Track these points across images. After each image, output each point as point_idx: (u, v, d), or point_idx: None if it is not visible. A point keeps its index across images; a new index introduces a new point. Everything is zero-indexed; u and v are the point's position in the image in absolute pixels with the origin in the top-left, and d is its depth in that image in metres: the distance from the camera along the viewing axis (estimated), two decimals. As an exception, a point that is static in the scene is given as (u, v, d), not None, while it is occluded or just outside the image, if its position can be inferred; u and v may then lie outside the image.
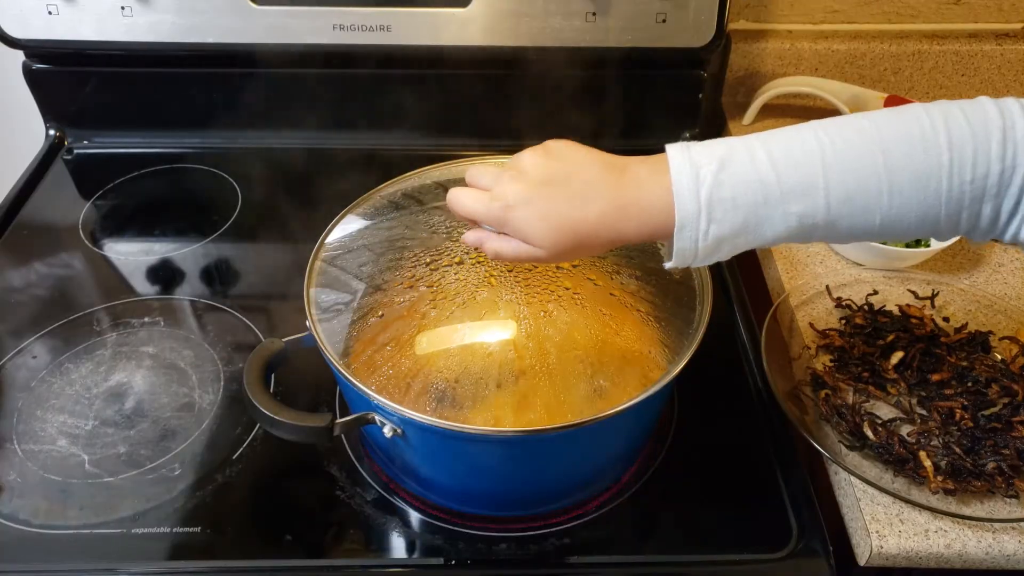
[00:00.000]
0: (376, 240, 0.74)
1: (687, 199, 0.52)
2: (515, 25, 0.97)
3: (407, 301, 0.68)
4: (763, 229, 0.52)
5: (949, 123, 0.50)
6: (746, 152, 0.52)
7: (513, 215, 0.55)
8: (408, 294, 0.68)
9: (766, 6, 1.11)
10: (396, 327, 0.67)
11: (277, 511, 0.69)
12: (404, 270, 0.70)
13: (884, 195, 0.50)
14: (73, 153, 1.11)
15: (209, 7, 0.96)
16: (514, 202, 0.55)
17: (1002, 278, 0.91)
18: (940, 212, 0.51)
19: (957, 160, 0.49)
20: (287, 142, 1.11)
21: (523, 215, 0.55)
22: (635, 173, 0.54)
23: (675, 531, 0.69)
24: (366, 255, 0.73)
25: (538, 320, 0.67)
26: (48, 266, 0.93)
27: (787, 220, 0.52)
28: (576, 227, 0.54)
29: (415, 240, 0.73)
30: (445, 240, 0.72)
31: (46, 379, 0.79)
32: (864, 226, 0.52)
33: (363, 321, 0.67)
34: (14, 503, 0.69)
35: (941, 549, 0.65)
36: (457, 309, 0.67)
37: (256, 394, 0.61)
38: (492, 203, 0.56)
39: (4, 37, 0.99)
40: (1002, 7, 1.11)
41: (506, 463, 0.65)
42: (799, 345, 0.83)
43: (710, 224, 0.52)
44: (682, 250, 0.54)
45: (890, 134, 0.51)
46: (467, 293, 0.68)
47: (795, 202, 0.51)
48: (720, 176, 0.51)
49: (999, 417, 0.72)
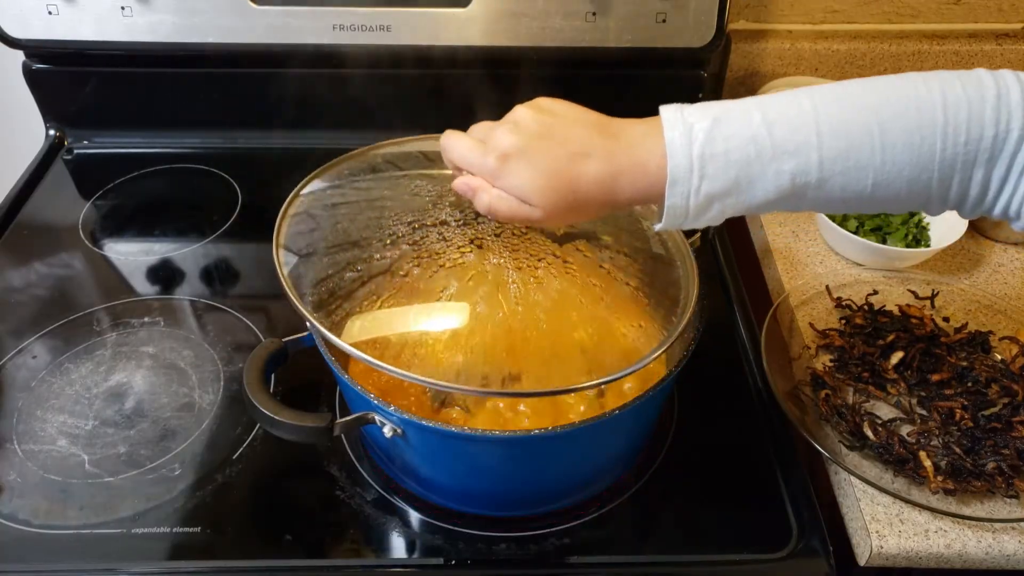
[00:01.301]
0: (354, 198, 0.71)
1: (680, 154, 0.51)
2: (515, 25, 0.97)
3: (388, 258, 0.65)
4: (755, 188, 0.52)
5: (944, 87, 0.50)
6: (740, 111, 0.52)
7: (508, 167, 0.54)
8: (389, 251, 0.65)
9: (766, 6, 1.11)
10: (376, 283, 0.64)
11: (277, 511, 0.69)
12: (384, 228, 0.66)
13: (877, 153, 0.50)
14: (73, 153, 1.11)
15: (209, 7, 0.96)
16: (510, 152, 0.54)
17: (1002, 278, 0.91)
18: (932, 176, 0.51)
19: (952, 121, 0.49)
20: (287, 142, 1.11)
21: (519, 168, 0.54)
22: (629, 134, 0.54)
23: (675, 531, 0.69)
24: (343, 211, 0.70)
25: (528, 286, 0.64)
26: (48, 266, 0.93)
27: (779, 179, 0.52)
28: (572, 186, 0.54)
29: (396, 201, 0.69)
30: (428, 203, 0.68)
31: (46, 379, 0.79)
32: (856, 188, 0.52)
33: (339, 275, 0.64)
34: (14, 503, 0.69)
35: (941, 549, 0.65)
36: (441, 270, 0.64)
37: (256, 394, 0.61)
38: (487, 152, 0.55)
39: (4, 37, 0.99)
40: (1002, 7, 1.11)
41: (506, 463, 0.65)
42: (799, 345, 0.83)
43: (702, 180, 0.52)
44: (673, 207, 0.53)
45: (885, 95, 0.51)
46: (452, 254, 0.65)
47: (788, 159, 0.51)
48: (713, 132, 0.51)
49: (999, 417, 0.72)
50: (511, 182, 0.55)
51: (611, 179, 0.53)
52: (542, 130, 0.54)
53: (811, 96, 0.52)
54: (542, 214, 0.55)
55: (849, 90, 0.52)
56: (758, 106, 0.52)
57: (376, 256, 0.65)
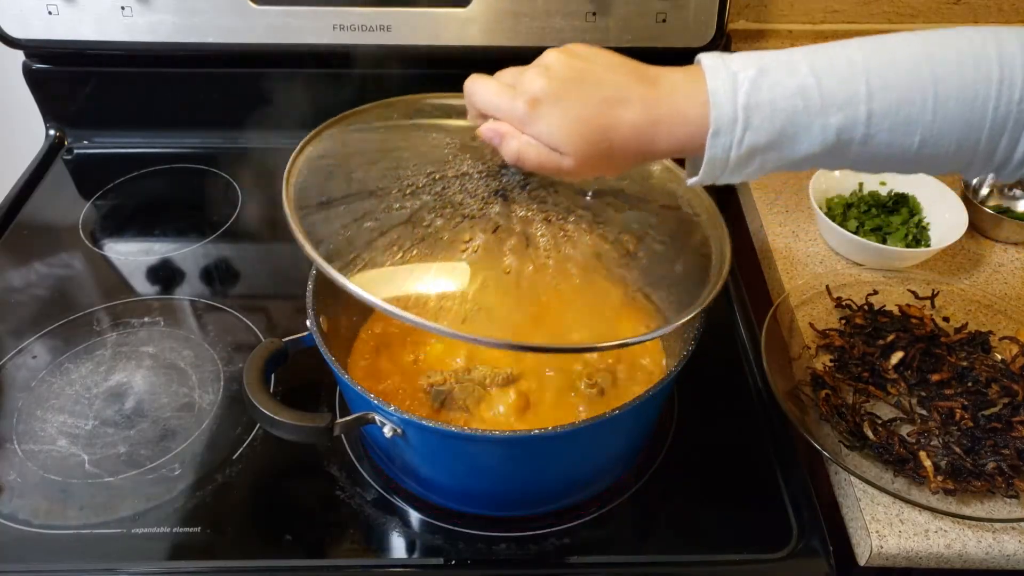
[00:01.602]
0: (369, 148, 0.67)
1: (724, 103, 0.49)
2: (515, 25, 0.97)
3: (408, 208, 0.60)
4: (799, 142, 0.50)
5: (1000, 40, 0.48)
6: (786, 61, 0.50)
7: (539, 112, 0.51)
8: (409, 201, 0.60)
9: (766, 6, 1.11)
10: (397, 233, 0.58)
11: (277, 511, 0.69)
12: (403, 179, 0.61)
13: (929, 109, 0.48)
14: (73, 153, 1.11)
15: (209, 7, 0.96)
16: (541, 97, 0.51)
17: (1002, 278, 0.91)
18: (982, 135, 0.49)
19: (1008, 77, 0.47)
20: (287, 142, 1.10)
21: (550, 113, 0.51)
22: (668, 81, 0.51)
23: (675, 531, 0.69)
24: (357, 161, 0.66)
25: (557, 239, 0.59)
26: (48, 266, 0.93)
27: (825, 133, 0.49)
28: (607, 134, 0.51)
29: (413, 152, 0.65)
30: (447, 155, 0.63)
31: (46, 379, 0.79)
32: (902, 145, 0.50)
33: (356, 225, 0.59)
34: (14, 503, 0.69)
35: (941, 549, 0.65)
36: (465, 220, 0.59)
37: (256, 394, 0.61)
38: (516, 97, 0.52)
39: (4, 37, 0.99)
40: (1002, 7, 1.11)
41: (506, 463, 0.65)
42: (799, 345, 0.83)
43: (746, 132, 0.49)
44: (713, 159, 0.50)
45: (939, 47, 0.49)
46: (475, 205, 0.60)
47: (835, 112, 0.49)
48: (759, 82, 0.49)
49: (999, 417, 0.72)
50: (541, 128, 0.51)
51: (649, 127, 0.51)
52: (575, 75, 0.51)
53: (860, 47, 0.50)
54: (573, 163, 0.52)
55: (900, 41, 0.49)
56: (804, 56, 0.50)
57: (396, 206, 0.60)
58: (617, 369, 0.75)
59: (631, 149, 0.52)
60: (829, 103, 0.49)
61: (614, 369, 0.75)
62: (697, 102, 0.49)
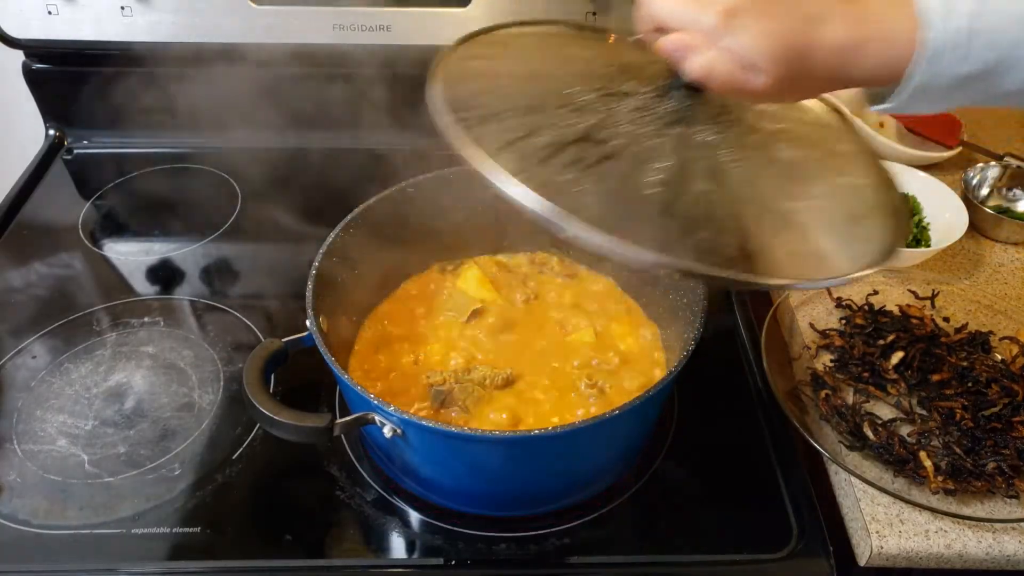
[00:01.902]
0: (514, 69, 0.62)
1: (939, 28, 0.45)
2: (515, 25, 0.97)
3: (580, 124, 0.53)
4: (1010, 75, 0.46)
5: None
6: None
7: (734, 24, 0.47)
8: (578, 118, 0.54)
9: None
10: (579, 149, 0.52)
11: (277, 511, 0.69)
12: (564, 96, 0.55)
13: None
14: (73, 153, 1.11)
15: (209, 7, 0.96)
16: (736, 8, 0.47)
17: (1002, 278, 0.91)
18: None
19: None
20: (287, 142, 1.11)
21: (747, 26, 0.47)
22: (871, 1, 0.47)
23: (675, 531, 0.69)
24: (504, 81, 0.60)
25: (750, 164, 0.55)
26: (48, 266, 0.93)
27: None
28: (807, 53, 0.47)
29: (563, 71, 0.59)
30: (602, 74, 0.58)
31: (46, 379, 0.79)
32: None
33: (523, 141, 0.52)
34: (14, 503, 0.69)
35: (941, 549, 0.65)
36: (646, 139, 0.53)
37: (256, 394, 0.61)
38: (705, 8, 0.48)
39: (4, 37, 0.99)
40: None
41: (506, 463, 0.65)
42: (799, 345, 0.83)
43: (961, 60, 0.46)
44: (921, 86, 0.47)
45: None
46: (653, 125, 0.54)
47: None
48: (979, 7, 0.45)
49: (999, 417, 0.72)
50: (737, 41, 0.47)
51: (852, 49, 0.47)
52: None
53: None
54: (766, 82, 0.48)
55: None
56: None
57: (566, 122, 0.54)
58: (617, 369, 0.75)
59: (828, 72, 0.48)
60: None
61: (614, 369, 0.75)
62: (906, 26, 0.46)
